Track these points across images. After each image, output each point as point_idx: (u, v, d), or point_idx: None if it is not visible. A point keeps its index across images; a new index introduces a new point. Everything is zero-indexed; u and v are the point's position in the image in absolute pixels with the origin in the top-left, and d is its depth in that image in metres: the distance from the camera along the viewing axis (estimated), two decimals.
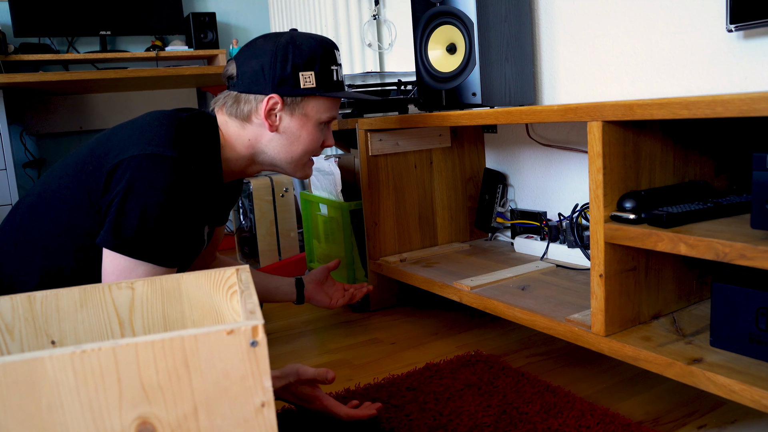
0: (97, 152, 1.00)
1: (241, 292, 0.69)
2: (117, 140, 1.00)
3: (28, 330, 0.75)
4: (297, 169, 1.19)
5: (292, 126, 1.13)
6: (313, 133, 1.15)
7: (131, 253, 0.95)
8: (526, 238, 1.72)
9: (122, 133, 1.01)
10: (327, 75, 1.12)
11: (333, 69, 1.13)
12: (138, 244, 0.95)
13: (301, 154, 1.16)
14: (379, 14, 2.38)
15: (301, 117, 1.12)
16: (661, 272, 1.15)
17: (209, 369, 0.55)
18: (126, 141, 0.98)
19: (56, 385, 0.51)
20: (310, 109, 1.12)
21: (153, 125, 1.01)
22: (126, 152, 0.96)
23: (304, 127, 1.13)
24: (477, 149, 1.93)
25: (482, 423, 1.10)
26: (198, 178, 1.01)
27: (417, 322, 1.70)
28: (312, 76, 1.10)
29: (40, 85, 2.49)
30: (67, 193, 1.00)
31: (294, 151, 1.15)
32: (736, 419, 1.08)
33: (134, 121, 1.05)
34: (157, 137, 0.98)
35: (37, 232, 1.01)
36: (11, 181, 2.39)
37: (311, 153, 1.18)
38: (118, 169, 0.95)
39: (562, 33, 1.64)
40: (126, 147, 0.97)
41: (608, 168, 1.04)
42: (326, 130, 1.19)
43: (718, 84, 1.30)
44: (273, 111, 1.10)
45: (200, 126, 1.09)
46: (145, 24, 2.85)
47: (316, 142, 1.17)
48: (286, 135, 1.13)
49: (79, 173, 1.00)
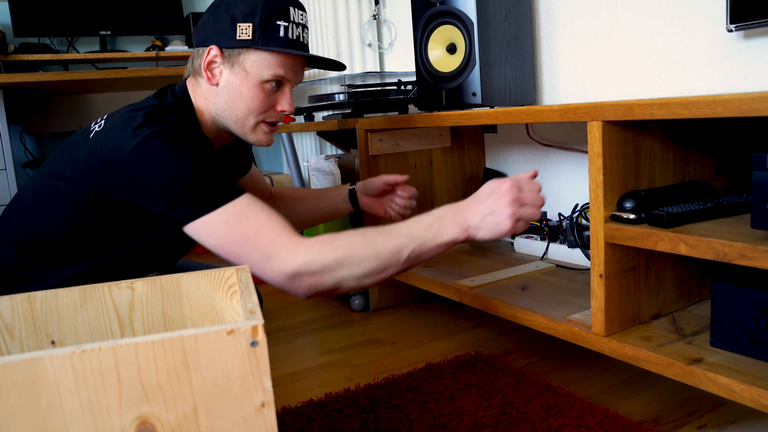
0: (94, 160, 0.98)
1: (241, 292, 0.69)
2: (108, 142, 0.97)
3: (28, 330, 0.75)
4: (246, 131, 1.10)
5: (233, 81, 1.06)
6: (254, 91, 1.06)
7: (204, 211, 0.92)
8: (526, 238, 1.72)
9: (107, 134, 0.99)
10: (270, 29, 1.04)
11: (280, 24, 1.05)
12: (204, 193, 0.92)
13: (245, 113, 1.08)
14: (379, 14, 2.38)
15: (240, 72, 1.06)
16: (661, 272, 1.15)
17: (209, 369, 0.55)
18: (117, 138, 0.96)
19: (56, 385, 0.51)
20: (249, 65, 1.05)
21: (135, 115, 0.99)
22: (124, 150, 0.94)
23: (244, 82, 1.06)
24: (477, 149, 1.93)
25: (482, 423, 1.10)
26: (192, 140, 1.00)
27: (417, 322, 1.70)
28: (249, 28, 1.04)
29: (40, 85, 2.49)
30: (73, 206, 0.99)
31: (237, 108, 1.08)
32: (736, 419, 1.08)
33: (115, 116, 1.03)
34: (143, 121, 0.97)
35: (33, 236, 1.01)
36: (11, 181, 2.39)
37: (258, 114, 1.08)
38: (131, 168, 0.93)
39: (562, 33, 1.64)
40: (121, 145, 0.95)
41: (608, 168, 1.04)
42: (279, 93, 1.09)
43: (718, 84, 1.30)
44: (213, 64, 1.07)
45: (176, 101, 1.09)
46: (145, 24, 2.85)
47: (260, 102, 1.07)
48: (228, 90, 1.07)
49: (81, 185, 0.98)
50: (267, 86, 1.07)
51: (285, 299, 1.99)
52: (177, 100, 1.09)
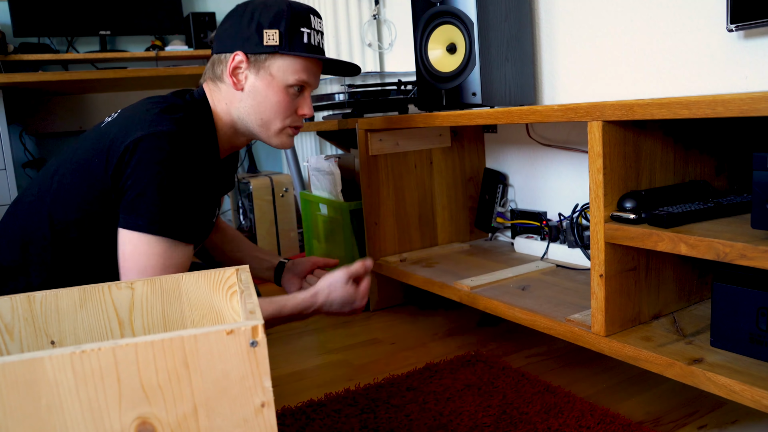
0: (100, 144, 1.01)
1: (241, 292, 0.69)
2: (117, 129, 1.01)
3: (28, 330, 0.74)
4: (271, 135, 1.15)
5: (258, 86, 1.10)
6: (279, 95, 1.11)
7: (147, 229, 0.96)
8: (526, 238, 1.71)
9: (120, 121, 1.03)
10: (295, 36, 1.09)
11: (303, 31, 1.10)
12: (158, 221, 0.97)
13: (271, 117, 1.12)
14: (379, 14, 2.38)
15: (266, 77, 1.10)
16: (662, 272, 1.15)
17: (209, 369, 0.54)
18: (128, 127, 1.00)
19: (56, 385, 0.51)
20: (275, 69, 1.10)
21: (150, 109, 1.03)
22: (128, 137, 0.98)
23: (270, 87, 1.10)
24: (477, 149, 1.93)
25: (482, 423, 1.10)
26: (198, 149, 1.03)
27: (417, 322, 1.70)
28: (276, 35, 1.08)
29: (40, 85, 2.49)
30: (75, 191, 1.02)
31: (263, 112, 1.12)
32: (736, 419, 1.08)
33: (129, 109, 1.07)
34: (156, 117, 1.00)
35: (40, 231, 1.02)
36: (11, 181, 2.39)
37: (283, 118, 1.13)
38: (125, 156, 0.97)
39: (562, 33, 1.64)
40: (129, 131, 0.99)
41: (608, 168, 1.04)
42: (301, 98, 1.14)
43: (718, 84, 1.30)
44: (239, 69, 1.10)
45: (193, 103, 1.11)
46: (145, 24, 2.84)
47: (286, 106, 1.12)
48: (253, 95, 1.11)
49: (85, 169, 1.01)
50: (291, 91, 1.11)
51: None
52: (195, 102, 1.12)
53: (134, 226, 0.97)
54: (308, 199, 2.16)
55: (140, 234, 0.97)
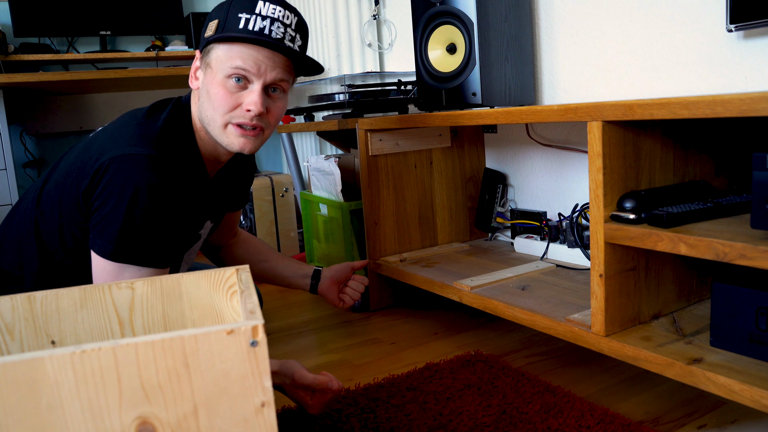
0: (80, 159, 1.00)
1: (241, 292, 0.69)
2: (98, 145, 0.99)
3: (28, 330, 0.75)
4: (218, 133, 1.04)
5: (205, 82, 1.03)
6: (217, 88, 1.00)
7: (115, 257, 0.95)
8: (526, 238, 1.71)
9: (102, 136, 1.01)
10: (232, 22, 1.00)
11: (241, 16, 0.99)
12: (120, 247, 0.95)
13: (211, 112, 1.02)
14: (379, 14, 2.38)
15: (208, 71, 1.02)
16: (661, 272, 1.15)
17: (209, 369, 0.55)
18: (105, 144, 0.98)
19: (56, 385, 0.51)
20: (212, 60, 1.01)
21: (130, 124, 1.01)
22: (104, 155, 0.95)
23: (212, 81, 1.01)
24: (477, 149, 1.93)
25: (482, 423, 1.10)
26: (178, 173, 1.00)
27: (417, 322, 1.70)
28: (214, 25, 1.01)
29: (40, 85, 2.49)
30: (56, 201, 1.02)
31: (207, 108, 1.03)
32: (736, 419, 1.08)
33: (113, 123, 1.05)
34: (134, 137, 0.98)
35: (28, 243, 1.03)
36: (11, 181, 2.39)
37: (222, 113, 1.01)
38: (98, 174, 0.95)
39: (562, 33, 1.64)
40: (105, 150, 0.96)
41: (608, 168, 1.04)
42: (246, 91, 1.01)
43: (718, 84, 1.30)
44: (198, 68, 1.06)
45: (177, 114, 1.07)
46: (145, 24, 2.85)
47: (222, 98, 1.00)
48: (203, 92, 1.04)
49: (65, 182, 1.01)
50: (229, 82, 1.00)
51: (285, 299, 1.99)
52: (179, 112, 1.07)
53: (99, 249, 0.96)
54: (308, 199, 2.16)
55: (103, 258, 0.96)
